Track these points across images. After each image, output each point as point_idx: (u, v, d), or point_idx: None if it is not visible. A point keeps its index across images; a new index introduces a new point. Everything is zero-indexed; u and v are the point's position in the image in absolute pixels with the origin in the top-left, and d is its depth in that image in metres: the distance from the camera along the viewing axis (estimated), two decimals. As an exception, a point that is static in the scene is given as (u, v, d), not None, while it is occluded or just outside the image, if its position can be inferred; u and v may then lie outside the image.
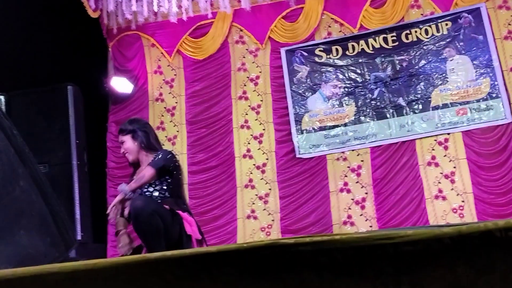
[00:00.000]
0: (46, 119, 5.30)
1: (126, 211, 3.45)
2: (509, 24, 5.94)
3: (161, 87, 6.81)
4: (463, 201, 5.67)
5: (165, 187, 3.57)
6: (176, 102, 6.72)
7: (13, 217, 1.56)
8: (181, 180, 3.76)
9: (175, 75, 6.81)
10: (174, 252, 1.13)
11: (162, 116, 6.70)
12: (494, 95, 5.80)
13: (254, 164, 6.34)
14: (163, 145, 6.54)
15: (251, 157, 6.37)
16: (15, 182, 1.56)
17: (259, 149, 6.42)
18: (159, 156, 3.54)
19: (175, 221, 3.40)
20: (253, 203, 6.21)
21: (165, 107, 6.73)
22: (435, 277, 1.04)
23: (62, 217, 1.75)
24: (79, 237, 4.94)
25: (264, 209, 6.17)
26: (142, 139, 3.67)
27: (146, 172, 3.43)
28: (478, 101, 5.85)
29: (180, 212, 3.48)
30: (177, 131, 6.63)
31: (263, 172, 6.31)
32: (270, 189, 6.23)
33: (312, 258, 1.05)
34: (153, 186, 3.56)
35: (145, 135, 3.70)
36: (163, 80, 6.80)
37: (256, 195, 6.23)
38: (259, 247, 1.07)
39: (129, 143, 3.69)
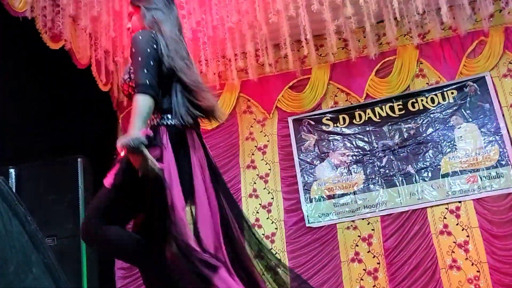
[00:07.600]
0: (56, 191, 5.27)
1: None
2: (515, 92, 6.00)
3: (170, 157, 6.82)
4: (478, 271, 5.54)
5: None
6: (185, 172, 6.72)
7: (25, 306, 1.53)
8: None
9: (184, 145, 6.85)
10: None
11: (171, 186, 6.69)
12: (503, 162, 5.78)
13: (263, 234, 6.26)
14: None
15: (260, 226, 6.31)
16: (28, 269, 1.54)
17: (268, 218, 6.37)
18: None
19: None
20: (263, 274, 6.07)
21: (173, 177, 6.73)
22: None
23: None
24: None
25: (274, 280, 6.03)
26: None
27: None
28: (488, 168, 5.82)
29: None
30: (186, 201, 6.60)
31: (272, 241, 6.23)
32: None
33: None
34: None
35: None
36: (172, 150, 6.82)
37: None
38: None
39: None
